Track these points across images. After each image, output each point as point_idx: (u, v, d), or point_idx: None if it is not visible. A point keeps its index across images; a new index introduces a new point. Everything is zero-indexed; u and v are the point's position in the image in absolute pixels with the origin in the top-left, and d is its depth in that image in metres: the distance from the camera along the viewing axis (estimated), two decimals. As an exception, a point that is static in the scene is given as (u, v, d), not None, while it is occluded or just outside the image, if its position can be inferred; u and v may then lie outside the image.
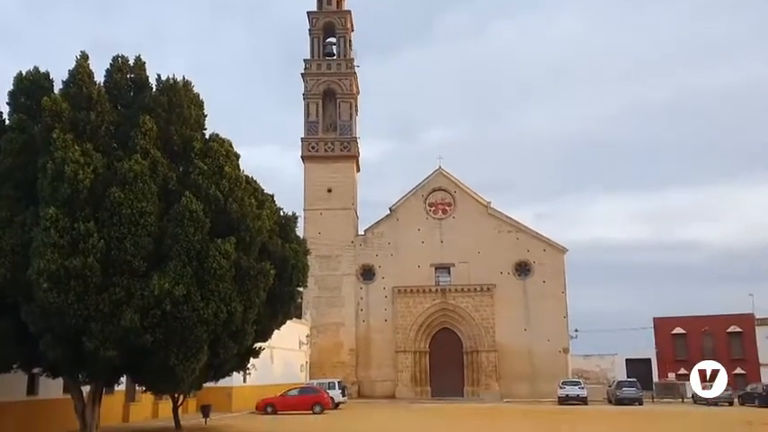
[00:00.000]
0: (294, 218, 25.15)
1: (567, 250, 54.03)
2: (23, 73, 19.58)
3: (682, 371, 53.86)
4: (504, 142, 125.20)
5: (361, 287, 53.93)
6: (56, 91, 19.42)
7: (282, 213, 24.52)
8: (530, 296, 52.54)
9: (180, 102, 20.79)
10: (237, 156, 21.76)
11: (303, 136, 56.22)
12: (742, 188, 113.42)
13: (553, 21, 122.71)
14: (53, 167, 17.14)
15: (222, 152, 20.46)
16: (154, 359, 18.11)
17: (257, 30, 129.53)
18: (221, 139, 21.07)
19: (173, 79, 21.03)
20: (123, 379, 23.34)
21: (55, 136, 17.45)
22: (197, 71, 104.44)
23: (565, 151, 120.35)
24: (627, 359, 56.89)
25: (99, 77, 20.03)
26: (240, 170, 21.43)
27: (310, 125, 56.43)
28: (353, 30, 60.14)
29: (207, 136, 21.43)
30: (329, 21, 58.16)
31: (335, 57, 58.09)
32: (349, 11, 59.15)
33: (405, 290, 52.72)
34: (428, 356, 52.32)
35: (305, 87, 57.02)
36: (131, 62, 20.95)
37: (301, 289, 28.87)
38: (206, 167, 19.68)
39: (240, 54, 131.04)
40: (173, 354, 17.76)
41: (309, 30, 58.32)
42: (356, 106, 58.21)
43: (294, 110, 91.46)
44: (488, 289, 52.30)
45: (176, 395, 25.02)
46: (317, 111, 56.52)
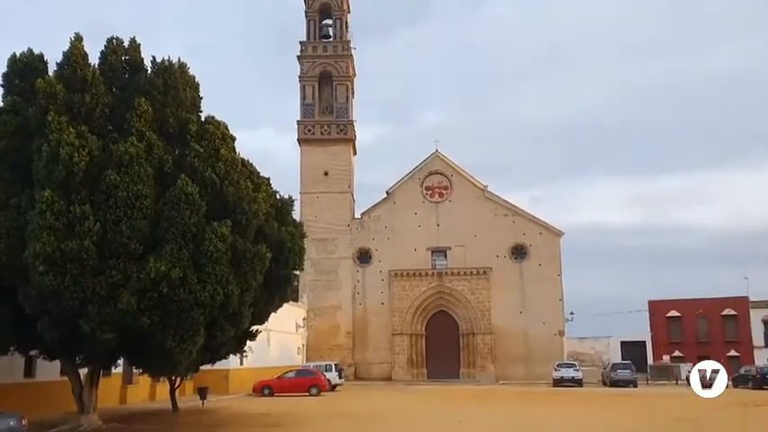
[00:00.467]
0: (290, 201, 25.06)
1: (563, 234, 54.18)
2: (17, 55, 19.47)
3: (676, 353, 54.41)
4: (501, 126, 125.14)
5: (357, 270, 54.07)
6: (50, 73, 19.31)
7: (279, 197, 24.43)
8: (526, 279, 52.73)
9: (175, 84, 20.64)
10: (233, 138, 21.60)
11: (299, 119, 56.06)
12: (738, 172, 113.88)
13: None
14: (48, 150, 17.08)
15: (218, 135, 20.31)
16: (151, 342, 18.11)
17: (253, 12, 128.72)
18: (217, 122, 20.93)
19: (168, 61, 20.87)
20: (120, 361, 23.36)
21: (50, 118, 17.36)
22: (192, 53, 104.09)
23: (562, 135, 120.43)
24: (622, 342, 57.42)
25: (93, 60, 19.87)
26: (236, 153, 21.30)
27: (306, 108, 56.22)
28: (350, 11, 59.77)
29: (203, 118, 21.29)
30: (325, 2, 57.73)
31: (332, 39, 57.78)
32: (345, -8, 58.73)
33: (401, 273, 52.85)
34: (424, 339, 52.63)
35: (301, 70, 56.76)
36: (126, 44, 20.76)
37: (298, 272, 28.92)
38: (202, 150, 19.55)
39: (236, 37, 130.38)
40: (169, 336, 17.76)
41: (305, 11, 57.94)
42: (353, 89, 57.97)
43: (290, 92, 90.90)
44: (484, 272, 52.49)
45: (173, 377, 25.13)
46: (314, 93, 56.31)
